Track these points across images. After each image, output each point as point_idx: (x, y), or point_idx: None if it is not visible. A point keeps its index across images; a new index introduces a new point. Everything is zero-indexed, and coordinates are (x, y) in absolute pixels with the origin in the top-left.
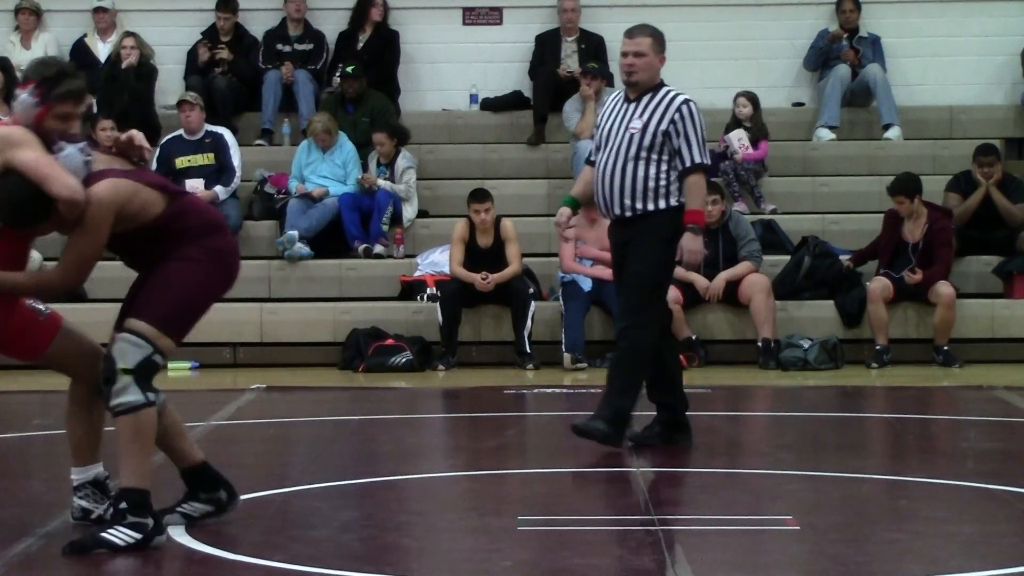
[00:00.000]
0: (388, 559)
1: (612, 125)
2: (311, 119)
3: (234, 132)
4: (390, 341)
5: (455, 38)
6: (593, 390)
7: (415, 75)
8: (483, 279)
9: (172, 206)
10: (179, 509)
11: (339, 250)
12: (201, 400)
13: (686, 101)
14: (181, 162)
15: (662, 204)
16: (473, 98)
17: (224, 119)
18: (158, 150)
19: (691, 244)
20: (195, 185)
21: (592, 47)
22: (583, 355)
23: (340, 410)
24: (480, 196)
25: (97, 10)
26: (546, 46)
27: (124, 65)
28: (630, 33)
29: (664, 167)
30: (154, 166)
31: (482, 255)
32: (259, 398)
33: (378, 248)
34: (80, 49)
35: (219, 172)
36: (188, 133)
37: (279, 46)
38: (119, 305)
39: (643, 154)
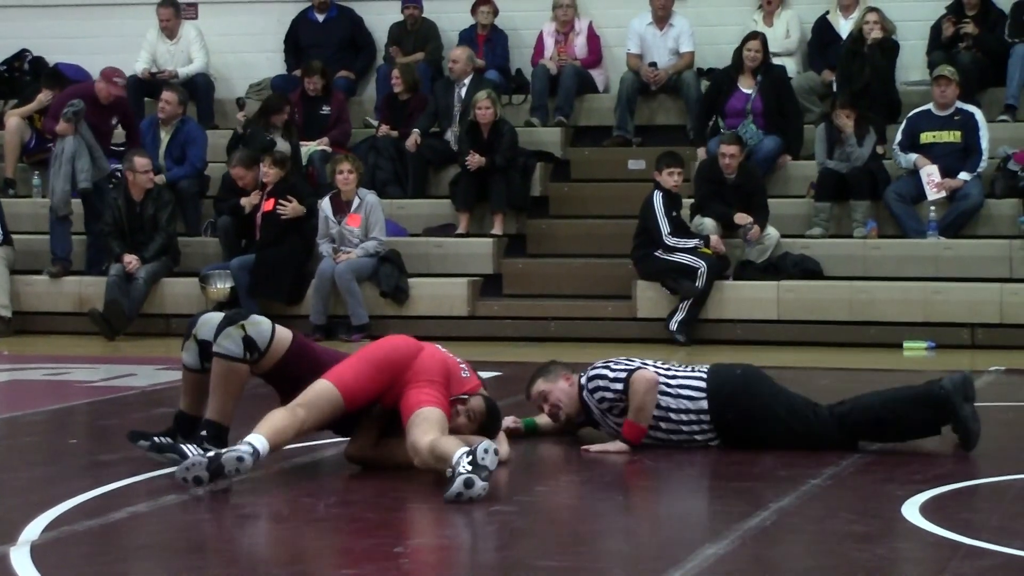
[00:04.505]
0: None
1: None
2: None
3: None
4: None
5: None
6: None
7: None
8: None
9: None
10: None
11: None
12: None
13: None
14: (926, 137)
15: None
16: None
17: (968, 95)
18: (904, 123)
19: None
20: (930, 172)
21: None
22: None
23: None
24: None
25: None
26: None
27: (868, 41)
28: None
29: None
30: (898, 138)
31: None
32: (997, 380)
33: None
34: (822, 26)
35: (964, 152)
36: (939, 108)
37: None
38: None
39: None
